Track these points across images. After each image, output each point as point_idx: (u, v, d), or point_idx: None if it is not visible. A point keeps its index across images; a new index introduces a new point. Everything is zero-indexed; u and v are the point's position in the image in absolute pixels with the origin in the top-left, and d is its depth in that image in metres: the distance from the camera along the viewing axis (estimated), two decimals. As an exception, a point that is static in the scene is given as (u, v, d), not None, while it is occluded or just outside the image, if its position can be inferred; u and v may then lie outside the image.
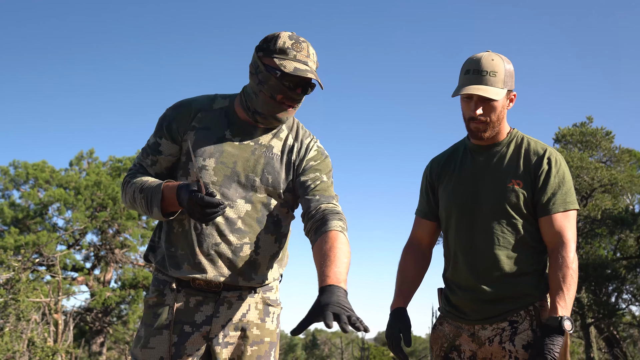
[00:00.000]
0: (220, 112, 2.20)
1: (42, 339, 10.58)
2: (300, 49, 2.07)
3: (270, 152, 2.18)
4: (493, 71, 2.28)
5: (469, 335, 2.37)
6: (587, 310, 14.68)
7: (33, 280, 12.81)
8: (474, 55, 2.36)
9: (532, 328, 2.27)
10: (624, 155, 16.01)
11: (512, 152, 2.39)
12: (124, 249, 18.25)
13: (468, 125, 2.38)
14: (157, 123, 2.20)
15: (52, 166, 18.69)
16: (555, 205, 2.31)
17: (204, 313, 2.10)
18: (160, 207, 2.01)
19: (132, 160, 19.24)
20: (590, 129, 16.18)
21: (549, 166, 2.34)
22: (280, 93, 2.08)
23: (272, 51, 2.07)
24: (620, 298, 16.15)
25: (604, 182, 14.54)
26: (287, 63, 2.04)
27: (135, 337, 2.15)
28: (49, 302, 11.66)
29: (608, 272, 14.27)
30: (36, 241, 15.23)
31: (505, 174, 2.36)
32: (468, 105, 2.34)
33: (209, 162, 2.11)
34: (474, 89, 2.27)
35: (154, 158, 2.19)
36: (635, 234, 14.71)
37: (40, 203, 17.64)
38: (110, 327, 18.47)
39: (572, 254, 2.26)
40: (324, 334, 42.07)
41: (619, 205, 15.28)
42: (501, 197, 2.34)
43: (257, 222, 2.14)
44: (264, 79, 2.08)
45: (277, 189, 2.17)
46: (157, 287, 2.16)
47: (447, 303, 2.47)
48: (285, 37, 2.08)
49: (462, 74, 2.34)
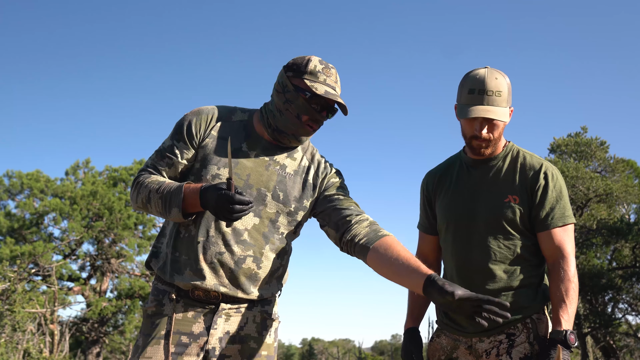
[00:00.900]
0: (239, 124, 2.24)
1: (37, 349, 10.54)
2: (330, 74, 2.16)
3: (284, 170, 2.22)
4: (498, 91, 2.29)
5: (467, 347, 2.38)
6: (583, 320, 14.69)
7: (29, 291, 12.79)
8: (475, 72, 2.35)
9: (529, 341, 2.28)
10: (619, 165, 16.05)
11: (507, 167, 2.41)
12: (120, 258, 18.21)
13: (470, 142, 2.39)
14: (176, 127, 2.21)
15: (47, 176, 18.65)
16: (554, 220, 2.32)
17: (201, 324, 2.11)
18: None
19: (129, 170, 19.23)
20: (585, 139, 16.23)
21: (545, 181, 2.34)
22: (307, 114, 2.15)
23: (303, 72, 2.14)
24: (617, 308, 16.16)
25: (599, 192, 14.58)
26: (318, 85, 2.12)
27: (134, 347, 2.15)
28: (44, 313, 11.62)
29: (604, 281, 14.28)
30: (32, 251, 15.17)
31: (501, 189, 2.37)
32: (471, 125, 2.34)
33: (223, 172, 2.14)
34: (483, 111, 2.27)
35: (169, 161, 2.18)
36: (631, 244, 14.74)
37: (36, 213, 17.61)
38: (106, 337, 18.39)
39: (572, 267, 2.28)
40: (321, 344, 41.94)
41: (614, 215, 15.31)
42: (498, 212, 2.35)
43: (263, 237, 2.16)
44: (292, 98, 2.14)
45: (287, 206, 2.20)
46: (157, 296, 2.16)
47: (444, 316, 2.49)
48: (316, 61, 2.16)
49: (466, 92, 2.32)
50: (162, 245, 2.23)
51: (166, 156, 2.19)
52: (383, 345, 48.64)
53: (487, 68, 2.35)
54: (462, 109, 2.32)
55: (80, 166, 19.65)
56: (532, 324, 2.32)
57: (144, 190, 2.12)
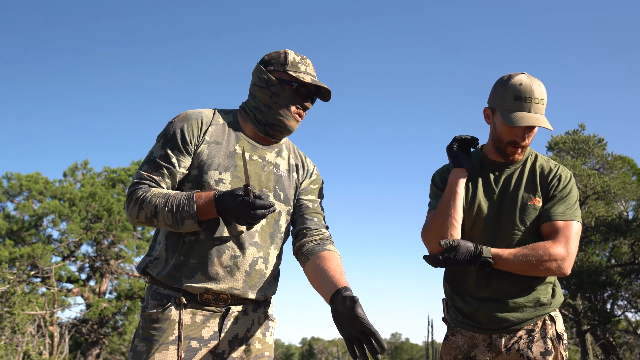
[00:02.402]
0: (228, 127, 2.23)
1: (37, 351, 10.54)
2: (307, 63, 2.26)
3: (278, 169, 2.25)
4: (543, 99, 2.34)
5: (486, 345, 2.41)
6: (582, 317, 14.72)
7: (28, 293, 12.80)
8: (518, 78, 2.36)
9: (549, 337, 2.37)
10: (617, 162, 16.08)
11: (529, 171, 2.47)
12: (119, 259, 18.22)
13: (505, 147, 2.42)
14: (165, 135, 2.16)
15: (46, 177, 18.66)
16: (559, 215, 2.38)
17: (211, 328, 2.09)
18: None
19: (127, 171, 19.22)
20: (583, 137, 16.26)
21: (558, 182, 2.43)
22: (295, 103, 2.22)
23: (284, 65, 2.22)
24: (616, 305, 16.19)
25: (597, 189, 14.61)
26: (303, 75, 2.21)
27: (134, 353, 2.09)
28: (44, 315, 11.62)
29: (603, 279, 14.30)
30: (31, 253, 15.18)
31: (526, 192, 2.43)
32: (512, 131, 2.36)
33: (225, 176, 2.13)
34: (534, 120, 2.30)
35: (167, 171, 2.12)
36: (629, 241, 14.78)
37: (35, 215, 17.62)
38: (106, 338, 18.41)
39: (559, 250, 2.31)
40: (320, 343, 41.94)
41: (613, 212, 15.34)
42: (524, 214, 2.40)
43: (269, 237, 2.18)
44: (278, 91, 2.20)
45: (288, 205, 2.25)
46: (160, 301, 2.10)
47: (459, 313, 2.50)
48: (292, 53, 2.25)
49: (510, 99, 2.34)
50: (158, 251, 2.17)
51: (162, 166, 2.12)
52: (383, 344, 48.53)
53: (525, 74, 2.38)
54: (510, 116, 2.33)
55: (79, 167, 19.66)
56: (551, 321, 2.40)
57: (147, 205, 2.04)
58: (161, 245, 2.16)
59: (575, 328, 14.96)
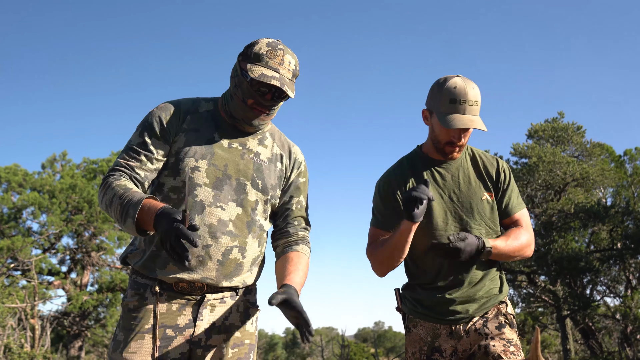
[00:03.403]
0: (207, 115, 2.22)
1: (18, 344, 10.46)
2: (274, 55, 2.11)
3: (259, 158, 2.23)
4: (476, 100, 2.41)
5: (448, 334, 2.50)
6: (562, 302, 14.90)
7: (8, 286, 12.68)
8: (452, 81, 2.43)
9: (503, 314, 2.52)
10: (595, 149, 16.26)
11: (472, 166, 2.59)
12: (100, 251, 18.09)
13: (443, 147, 2.50)
14: (144, 124, 2.16)
15: (25, 169, 18.43)
16: (518, 206, 2.59)
17: (186, 316, 2.09)
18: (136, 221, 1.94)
19: (108, 162, 19.06)
20: (562, 124, 16.41)
21: (504, 174, 2.58)
22: (251, 97, 2.13)
23: (248, 56, 2.12)
24: (595, 290, 16.41)
25: (576, 176, 14.77)
26: (255, 68, 2.08)
27: (114, 342, 2.10)
28: (25, 307, 11.53)
29: (582, 264, 14.48)
30: (10, 246, 15.01)
31: (476, 188, 2.55)
32: (448, 132, 2.45)
33: (202, 164, 2.12)
34: (468, 122, 2.38)
35: (143, 158, 2.12)
36: (608, 227, 14.97)
37: (14, 207, 17.40)
38: (88, 330, 18.31)
39: (532, 237, 2.56)
40: (303, 332, 41.96)
41: (592, 198, 15.52)
42: (479, 209, 2.52)
43: (246, 226, 2.16)
44: (239, 82, 2.14)
45: (266, 194, 2.22)
46: (137, 290, 2.12)
47: (419, 305, 2.56)
48: (263, 43, 2.13)
49: (446, 101, 2.41)
50: (139, 240, 2.18)
51: (140, 153, 2.12)
52: (366, 332, 48.98)
53: (460, 77, 2.45)
54: (446, 119, 2.41)
55: (57, 159, 19.44)
56: (502, 304, 2.56)
57: (110, 192, 2.02)
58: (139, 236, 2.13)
59: (555, 313, 15.15)
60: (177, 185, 2.13)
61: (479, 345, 2.45)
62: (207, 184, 2.12)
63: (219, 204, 2.11)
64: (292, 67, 2.15)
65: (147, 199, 1.94)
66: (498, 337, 2.44)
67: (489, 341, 2.44)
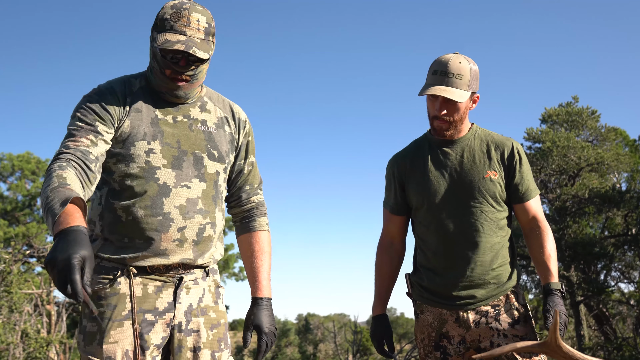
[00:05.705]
0: (141, 92, 2.05)
1: (35, 330, 10.59)
2: (178, 17, 1.93)
3: (206, 126, 2.10)
4: (459, 74, 2.40)
5: (455, 320, 2.46)
6: (576, 288, 14.84)
7: (24, 272, 12.80)
8: (443, 56, 2.46)
9: (516, 308, 2.46)
10: (610, 134, 16.12)
11: (480, 145, 2.53)
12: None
13: (432, 122, 2.50)
14: (82, 109, 1.96)
15: (37, 157, 18.58)
16: (531, 193, 2.53)
17: (164, 299, 1.99)
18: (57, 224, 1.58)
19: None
20: (576, 109, 16.27)
21: (519, 156, 2.52)
22: (167, 68, 1.96)
23: (155, 24, 1.97)
24: (609, 276, 16.34)
25: (591, 161, 14.66)
26: (160, 36, 1.92)
27: (85, 335, 1.95)
28: (40, 294, 11.65)
29: (596, 250, 14.41)
30: (26, 233, 15.19)
31: (480, 166, 2.49)
32: (433, 105, 2.46)
33: (155, 145, 1.98)
34: (439, 90, 2.38)
35: (93, 138, 1.90)
36: (623, 212, 14.86)
37: (28, 194, 17.57)
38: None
39: (550, 230, 2.52)
40: (316, 319, 42.25)
41: (606, 183, 15.41)
42: (480, 187, 2.47)
43: (212, 201, 2.08)
44: (154, 54, 1.99)
45: (223, 162, 2.12)
46: (106, 275, 1.96)
47: (424, 290, 2.54)
48: (167, 7, 1.96)
49: (430, 73, 2.44)
50: (94, 232, 2.01)
51: (88, 133, 1.90)
52: (378, 318, 48.92)
53: (455, 53, 2.46)
54: (423, 87, 2.44)
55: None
56: (514, 295, 2.49)
57: (47, 180, 1.76)
58: (97, 227, 2.00)
59: (569, 299, 15.09)
60: (132, 172, 1.96)
61: (491, 342, 2.41)
62: (166, 164, 1.98)
63: (183, 183, 2.00)
64: (202, 26, 1.96)
65: (69, 205, 1.59)
66: (512, 335, 2.40)
67: (502, 339, 2.40)
